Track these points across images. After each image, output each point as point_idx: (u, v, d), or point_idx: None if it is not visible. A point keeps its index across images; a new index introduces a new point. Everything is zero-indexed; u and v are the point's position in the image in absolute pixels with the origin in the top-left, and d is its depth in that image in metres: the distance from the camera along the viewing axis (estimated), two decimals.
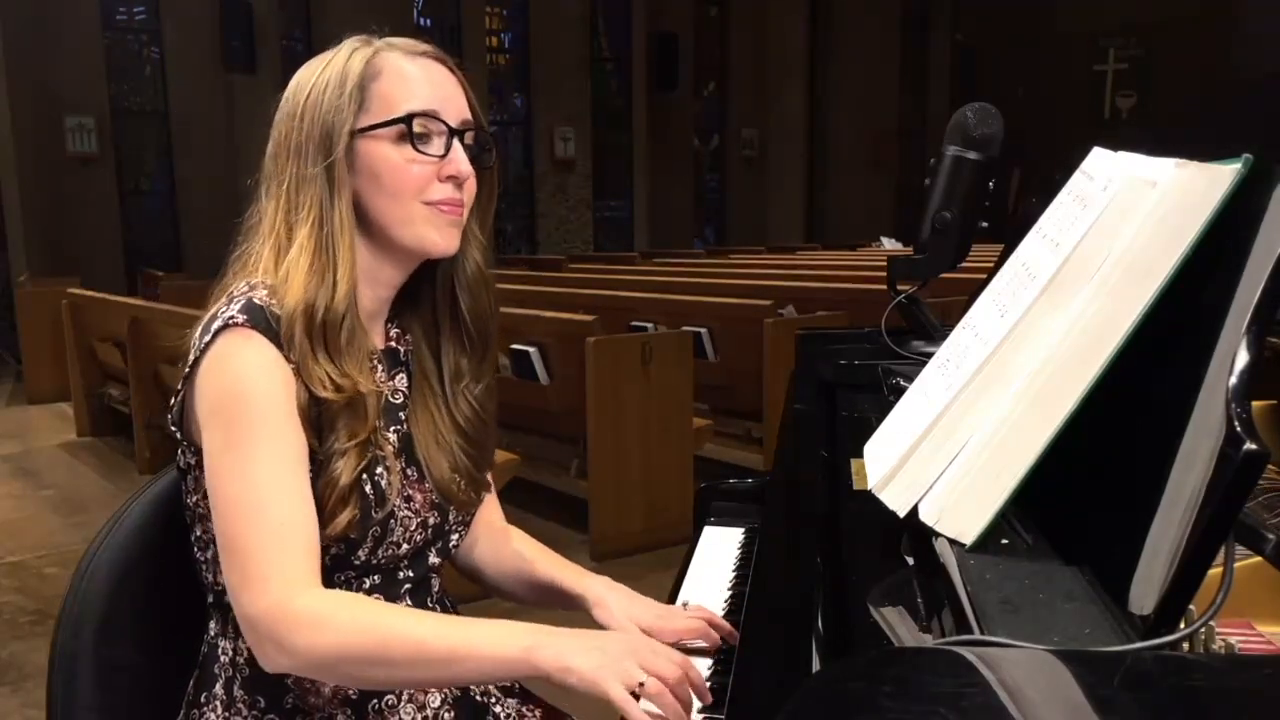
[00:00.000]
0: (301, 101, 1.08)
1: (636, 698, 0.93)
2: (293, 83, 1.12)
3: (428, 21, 11.60)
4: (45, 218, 9.24)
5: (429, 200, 1.08)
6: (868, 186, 14.55)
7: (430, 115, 1.07)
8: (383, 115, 1.07)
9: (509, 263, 10.49)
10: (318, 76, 1.09)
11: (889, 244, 11.37)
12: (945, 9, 15.50)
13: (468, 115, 1.11)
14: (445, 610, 1.21)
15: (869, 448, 0.93)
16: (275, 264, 1.08)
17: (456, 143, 1.09)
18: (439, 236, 1.09)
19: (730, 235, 14.21)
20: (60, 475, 5.45)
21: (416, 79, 1.08)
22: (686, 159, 13.86)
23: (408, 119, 1.06)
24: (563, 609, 1.26)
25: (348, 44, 1.11)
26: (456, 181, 1.09)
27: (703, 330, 4.70)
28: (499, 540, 1.31)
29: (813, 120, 14.47)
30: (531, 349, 4.07)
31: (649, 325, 4.82)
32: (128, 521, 1.19)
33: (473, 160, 1.11)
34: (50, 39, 9.15)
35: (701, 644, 1.17)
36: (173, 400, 1.09)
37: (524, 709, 1.22)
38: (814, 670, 0.80)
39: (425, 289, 1.18)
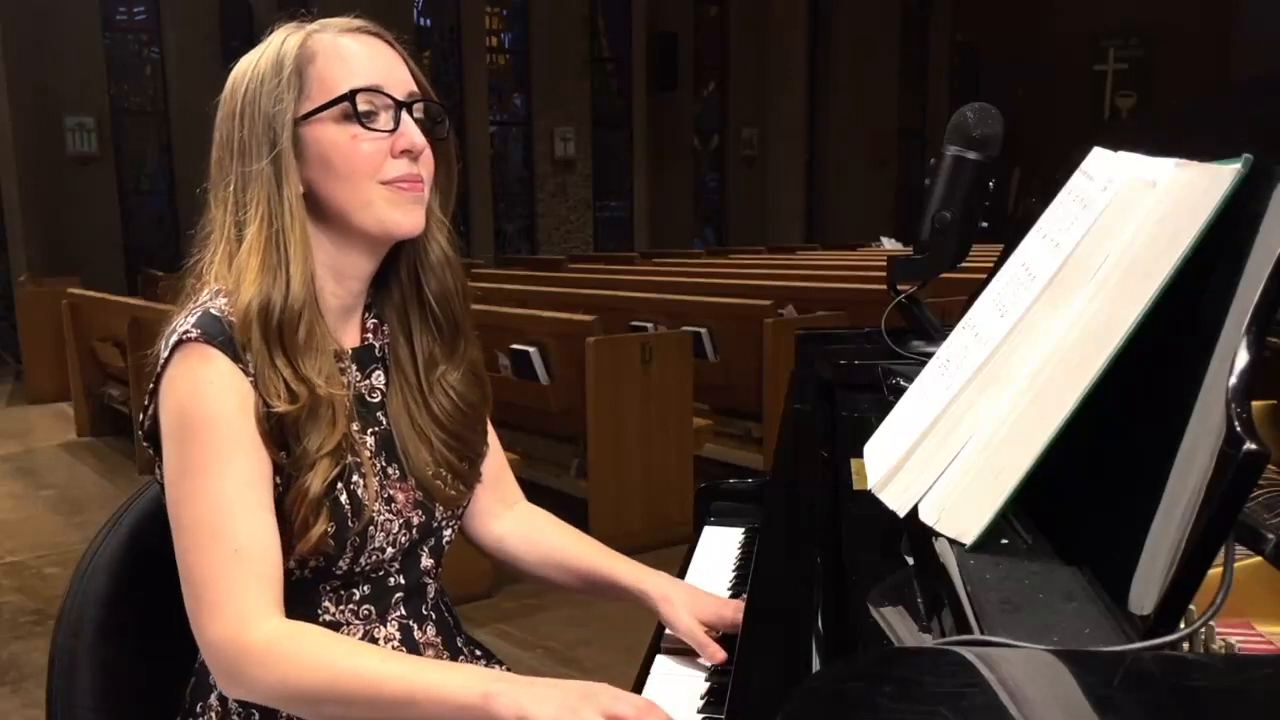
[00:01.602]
0: (239, 99, 1.04)
1: None
2: (228, 82, 1.08)
3: (428, 21, 11.60)
4: (45, 218, 9.24)
5: (386, 179, 1.04)
6: (868, 186, 14.55)
7: (373, 90, 1.03)
8: (323, 98, 1.03)
9: (509, 263, 10.49)
10: (252, 70, 1.05)
11: (889, 244, 11.36)
12: (945, 9, 15.50)
13: (413, 87, 1.07)
14: (442, 615, 1.19)
15: (869, 448, 0.93)
16: (229, 269, 1.04)
17: (406, 115, 1.05)
18: (402, 216, 1.05)
19: (730, 235, 14.21)
20: (60, 475, 5.46)
21: (354, 55, 1.04)
22: (686, 159, 13.86)
23: (350, 96, 1.02)
24: (612, 600, 1.24)
25: (279, 32, 1.07)
26: (411, 155, 1.04)
27: (703, 330, 4.70)
28: (530, 522, 1.29)
29: (813, 120, 14.46)
30: (531, 349, 4.07)
31: (649, 325, 4.82)
32: (128, 521, 1.19)
33: (426, 133, 1.07)
34: (50, 39, 9.16)
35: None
36: (142, 416, 1.06)
37: None
38: (814, 670, 0.80)
39: (394, 276, 1.15)
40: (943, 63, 15.67)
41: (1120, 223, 0.74)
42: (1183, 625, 0.59)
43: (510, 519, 1.29)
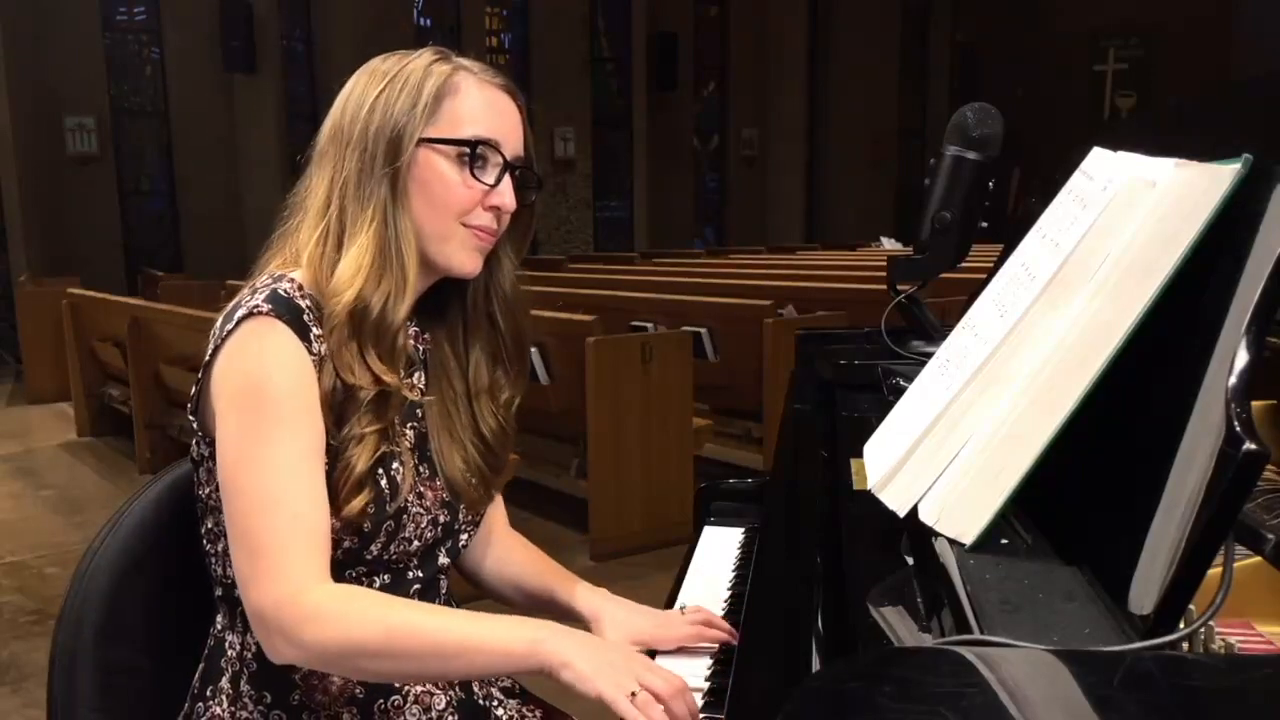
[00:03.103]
0: (374, 93, 1.09)
1: None
2: (364, 72, 1.13)
3: (428, 21, 11.59)
4: (45, 218, 9.24)
5: (469, 223, 1.10)
6: (868, 186, 14.55)
7: (492, 145, 1.10)
8: (450, 131, 1.09)
9: None
10: (393, 75, 1.10)
11: (889, 244, 11.36)
12: (945, 9, 15.50)
13: (522, 152, 1.14)
14: None
15: (869, 448, 0.93)
16: (319, 249, 1.09)
17: (508, 176, 1.11)
18: (467, 258, 1.12)
19: (730, 235, 14.21)
20: (60, 475, 5.45)
21: (488, 105, 1.11)
22: (686, 159, 13.85)
23: (474, 143, 1.09)
24: (559, 620, 1.26)
25: (425, 53, 1.13)
26: (498, 213, 1.12)
27: (703, 330, 4.70)
28: (503, 546, 1.32)
29: (813, 120, 14.46)
30: (532, 349, 4.06)
31: (649, 325, 4.82)
32: (128, 521, 1.19)
33: (516, 193, 1.13)
34: (50, 39, 9.15)
35: (705, 645, 1.17)
36: (193, 389, 1.10)
37: (524, 710, 1.22)
38: (814, 670, 0.80)
39: (454, 300, 1.20)
40: (943, 63, 15.67)
41: (1120, 223, 0.74)
42: (1183, 625, 0.59)
43: (490, 540, 1.32)
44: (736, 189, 14.41)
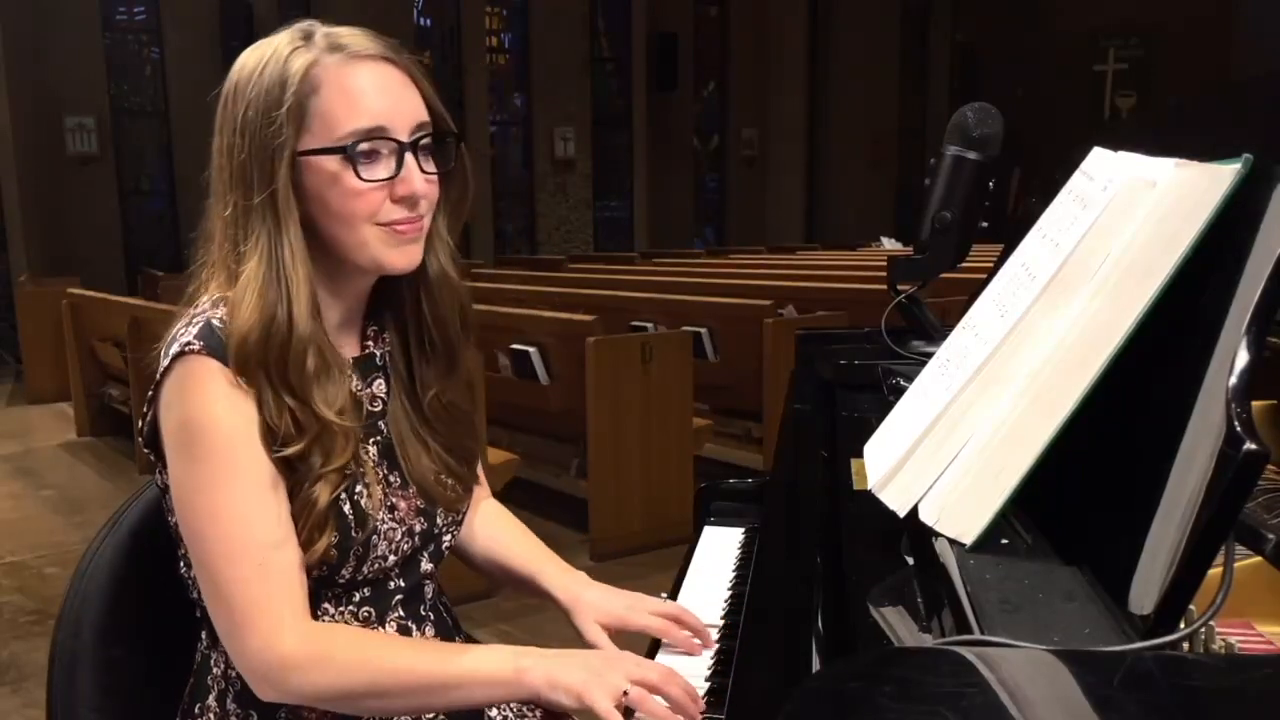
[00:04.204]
0: (240, 112, 1.00)
1: (629, 713, 0.96)
2: (231, 78, 1.03)
3: (428, 21, 11.59)
4: (45, 218, 9.24)
5: (381, 222, 1.01)
6: (867, 186, 14.55)
7: (377, 134, 0.99)
8: (325, 136, 0.99)
9: (509, 263, 10.49)
10: (256, 78, 1.00)
11: (889, 244, 11.36)
12: (945, 9, 15.50)
13: (423, 117, 1.03)
14: (441, 615, 1.20)
15: (869, 448, 0.93)
16: (227, 280, 1.03)
17: (410, 159, 1.01)
18: (398, 255, 1.03)
19: (730, 235, 14.20)
20: (60, 475, 5.45)
21: (359, 92, 0.99)
22: (686, 159, 13.85)
23: (350, 145, 0.98)
24: (536, 599, 1.25)
25: (286, 40, 1.02)
26: (410, 201, 1.02)
27: (703, 330, 4.70)
28: (495, 524, 1.29)
29: (813, 120, 14.46)
30: (531, 349, 4.07)
31: (649, 325, 4.82)
32: (128, 521, 1.19)
33: (435, 160, 1.04)
34: (50, 39, 9.15)
35: (687, 653, 1.17)
36: (141, 423, 1.07)
37: (524, 709, 1.22)
38: (814, 670, 0.80)
39: (396, 289, 1.13)
40: (943, 63, 15.66)
41: (1120, 223, 0.74)
42: (1183, 625, 0.59)
43: (470, 515, 1.27)
44: (736, 189, 14.40)
